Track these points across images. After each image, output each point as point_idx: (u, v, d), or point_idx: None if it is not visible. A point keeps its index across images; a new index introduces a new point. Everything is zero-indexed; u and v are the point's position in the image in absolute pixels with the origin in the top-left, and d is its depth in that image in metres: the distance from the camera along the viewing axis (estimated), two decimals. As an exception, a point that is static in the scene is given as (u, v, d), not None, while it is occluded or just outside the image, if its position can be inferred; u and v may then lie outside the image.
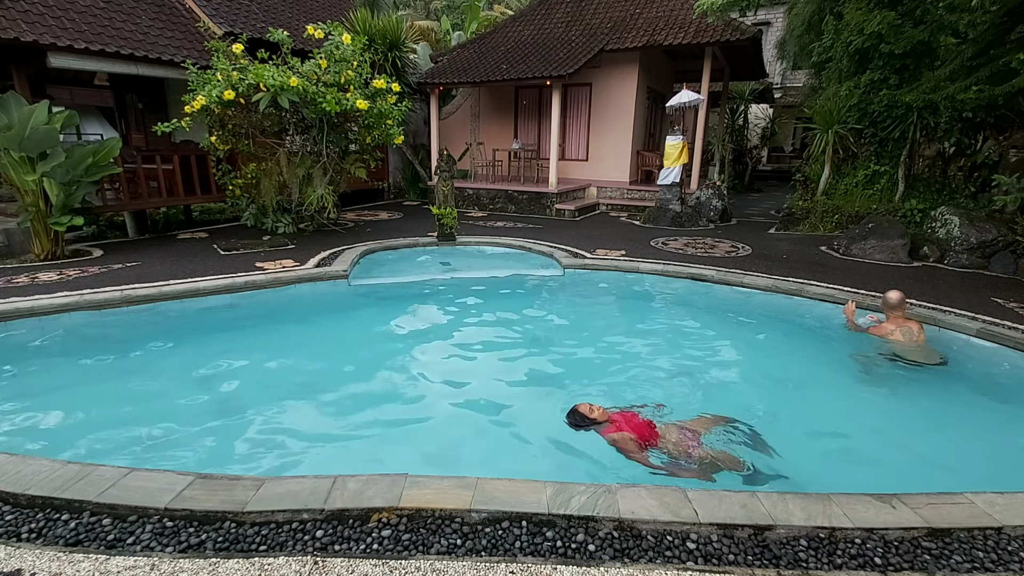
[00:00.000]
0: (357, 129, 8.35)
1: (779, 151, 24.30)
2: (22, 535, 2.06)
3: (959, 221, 7.47)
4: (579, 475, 3.05)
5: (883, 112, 9.07)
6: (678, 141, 10.03)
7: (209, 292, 5.56)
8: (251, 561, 1.92)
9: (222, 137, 8.05)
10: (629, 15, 13.15)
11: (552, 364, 4.68)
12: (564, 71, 11.17)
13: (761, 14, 20.29)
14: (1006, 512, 2.22)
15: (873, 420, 3.86)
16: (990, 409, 4.02)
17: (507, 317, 5.78)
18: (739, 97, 17.92)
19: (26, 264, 6.60)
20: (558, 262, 7.20)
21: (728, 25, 11.25)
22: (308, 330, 5.39)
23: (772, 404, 4.06)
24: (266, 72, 7.02)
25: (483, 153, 14.03)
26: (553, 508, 2.17)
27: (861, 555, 2.02)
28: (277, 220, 8.65)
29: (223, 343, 4.93)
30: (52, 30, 7.44)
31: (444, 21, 21.44)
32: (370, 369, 4.52)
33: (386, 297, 6.33)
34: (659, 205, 10.51)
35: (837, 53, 9.65)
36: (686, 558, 1.99)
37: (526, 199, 12.05)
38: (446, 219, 8.11)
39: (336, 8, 13.75)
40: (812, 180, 10.54)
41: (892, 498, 2.29)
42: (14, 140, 6.31)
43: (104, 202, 8.10)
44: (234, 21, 10.23)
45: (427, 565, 1.91)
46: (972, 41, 7.90)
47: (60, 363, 4.45)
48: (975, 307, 5.32)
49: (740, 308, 5.99)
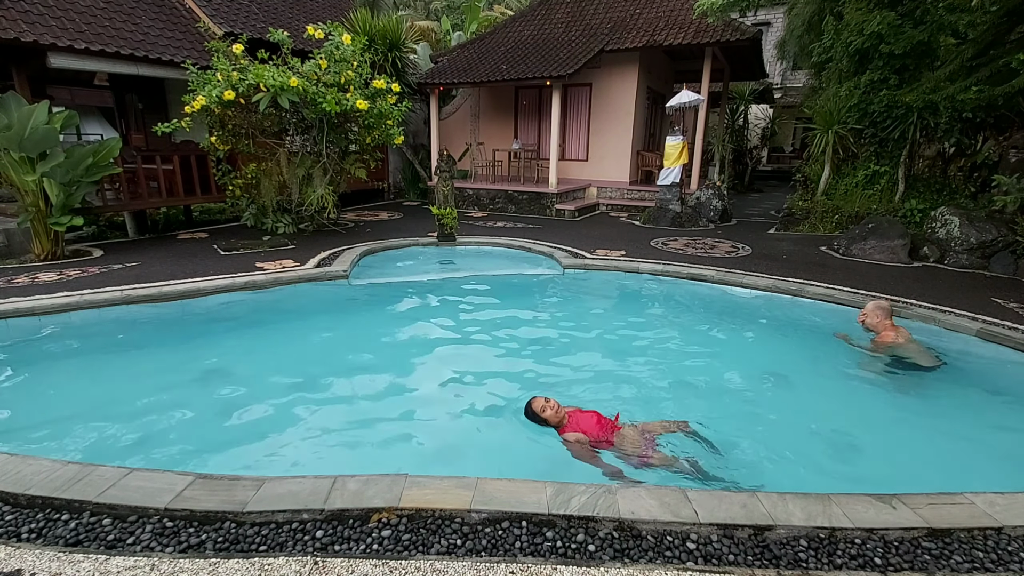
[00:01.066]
0: (357, 129, 8.35)
1: (779, 151, 24.32)
2: (22, 535, 2.06)
3: (959, 221, 7.46)
4: (579, 475, 3.05)
5: (883, 112, 9.07)
6: (678, 141, 10.03)
7: (209, 292, 5.55)
8: (251, 561, 1.92)
9: (222, 137, 8.05)
10: (629, 15, 13.15)
11: (552, 364, 4.68)
12: (564, 71, 11.17)
13: (761, 14, 20.30)
14: (1006, 512, 2.22)
15: (879, 421, 3.86)
16: (991, 409, 4.02)
17: (507, 317, 5.78)
18: (739, 97, 17.92)
19: (26, 264, 6.60)
20: (558, 262, 7.20)
21: (728, 25, 11.25)
22: (308, 330, 5.38)
23: (771, 404, 4.06)
24: (266, 72, 7.02)
25: (483, 153, 14.04)
26: (553, 508, 2.16)
27: (861, 555, 2.01)
28: (277, 220, 8.65)
29: (223, 343, 4.94)
30: (52, 30, 7.45)
31: (444, 21, 21.45)
32: (370, 369, 4.52)
33: (386, 297, 6.33)
34: (659, 205, 10.51)
35: (837, 53, 9.65)
36: (686, 558, 1.99)
37: (526, 199, 12.05)
38: (446, 219, 8.11)
39: (336, 8, 13.76)
40: (812, 180, 10.54)
41: (892, 498, 2.29)
42: (14, 140, 6.31)
43: (104, 202, 8.10)
44: (234, 21, 10.24)
45: (427, 565, 1.90)
46: (972, 41, 7.91)
47: (60, 363, 4.45)
48: (975, 307, 5.32)
49: (740, 308, 5.99)
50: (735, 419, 3.86)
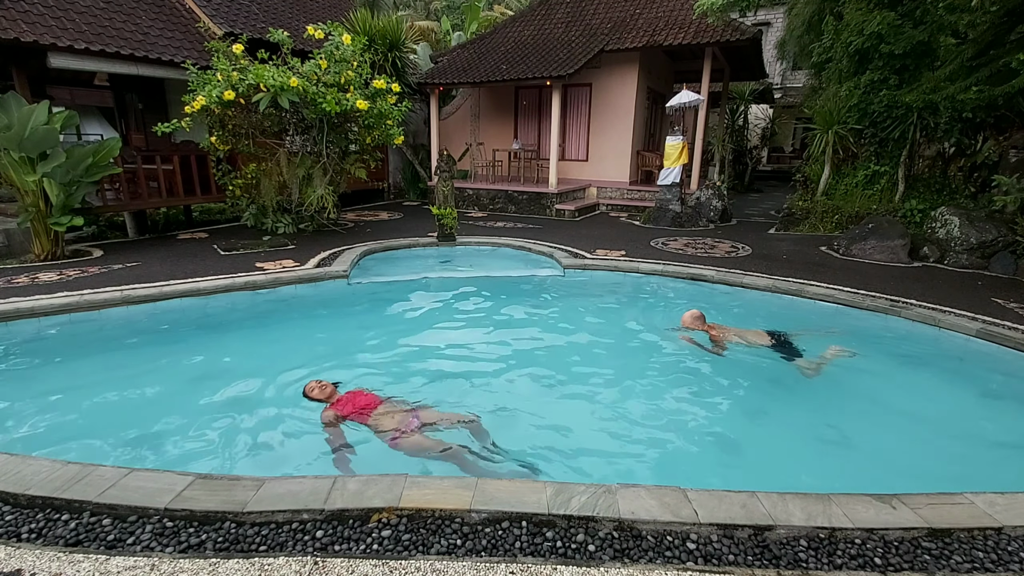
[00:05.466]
0: (357, 129, 8.35)
1: (779, 151, 24.31)
2: (22, 535, 2.06)
3: (959, 221, 7.47)
4: (579, 475, 3.05)
5: (883, 112, 9.07)
6: (678, 141, 10.03)
7: (209, 292, 5.56)
8: (251, 561, 1.92)
9: (222, 137, 8.05)
10: (629, 15, 13.15)
11: (552, 364, 4.67)
12: (564, 71, 11.17)
13: (761, 14, 20.31)
14: (1006, 512, 2.22)
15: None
16: (991, 408, 4.03)
17: (507, 317, 5.78)
18: (739, 97, 17.91)
19: (26, 264, 6.60)
20: (558, 262, 7.20)
21: (728, 25, 11.25)
22: (308, 330, 5.38)
23: (768, 403, 4.06)
24: (266, 72, 7.02)
25: (483, 153, 14.04)
26: (553, 508, 2.16)
27: (861, 555, 2.01)
28: (277, 220, 8.65)
29: (223, 343, 4.93)
30: (52, 30, 7.45)
31: (444, 21, 21.45)
32: (369, 369, 4.52)
33: (386, 297, 6.32)
34: (659, 205, 10.51)
35: (837, 53, 9.65)
36: (686, 558, 1.99)
37: (526, 199, 12.05)
38: (446, 219, 8.11)
39: (336, 8, 13.76)
40: (812, 180, 10.54)
41: (892, 498, 2.29)
42: (14, 140, 6.31)
43: (104, 202, 8.10)
44: (234, 21, 10.24)
45: (427, 565, 1.90)
46: (972, 41, 7.91)
47: (60, 363, 4.44)
48: (975, 307, 5.32)
49: (739, 308, 5.99)
50: (733, 414, 3.86)
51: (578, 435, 3.56)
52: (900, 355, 4.85)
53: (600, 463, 3.25)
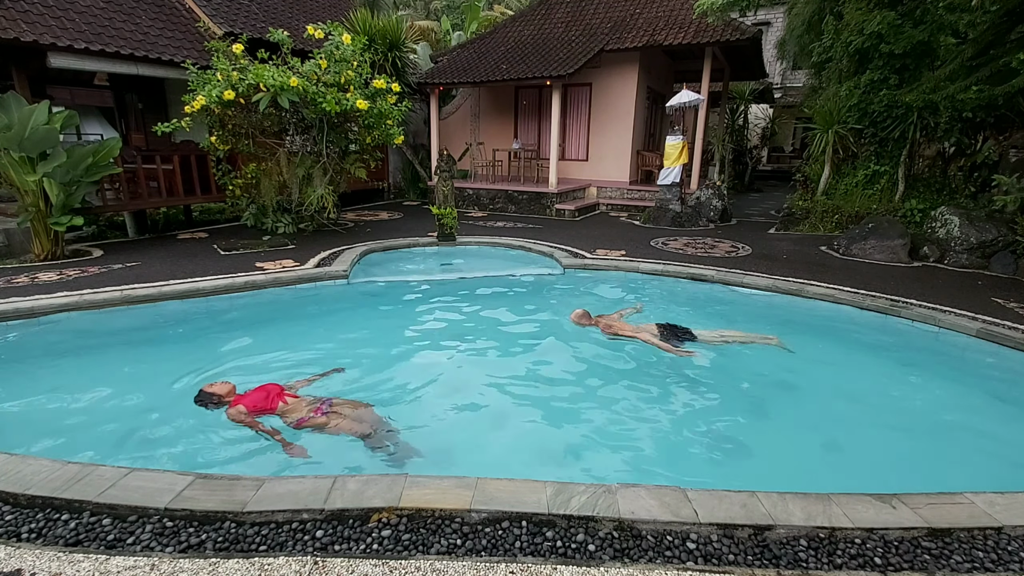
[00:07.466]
0: (357, 129, 8.34)
1: (779, 151, 24.29)
2: (22, 535, 2.06)
3: (959, 221, 7.47)
4: (579, 475, 3.05)
5: (883, 112, 9.07)
6: (678, 141, 10.03)
7: (209, 292, 5.55)
8: (251, 561, 1.92)
9: (222, 137, 8.05)
10: (629, 15, 13.15)
11: (551, 364, 4.67)
12: (564, 71, 11.17)
13: (761, 14, 20.28)
14: (1006, 512, 2.22)
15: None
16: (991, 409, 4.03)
17: (507, 317, 5.77)
18: (739, 97, 17.92)
19: (26, 264, 6.60)
20: (558, 262, 7.20)
21: (728, 25, 11.24)
22: (308, 330, 5.38)
23: (768, 404, 4.06)
24: (266, 72, 7.01)
25: (483, 153, 14.03)
26: (553, 508, 2.17)
27: (861, 555, 2.02)
28: (277, 220, 8.65)
29: (222, 343, 4.93)
30: (52, 30, 7.44)
31: (444, 21, 21.44)
32: (369, 369, 4.51)
33: (386, 297, 6.32)
34: (659, 205, 10.51)
35: (837, 53, 9.65)
36: (686, 558, 1.99)
37: (526, 199, 12.05)
38: (446, 219, 8.11)
39: (336, 8, 13.75)
40: (812, 180, 10.54)
41: (892, 498, 2.29)
42: (14, 140, 6.31)
43: (104, 202, 8.09)
44: (234, 21, 10.23)
45: (427, 565, 1.91)
46: (972, 41, 7.90)
47: (60, 363, 4.44)
48: (975, 307, 5.32)
49: (739, 307, 5.99)
50: (731, 411, 3.86)
51: (578, 435, 3.56)
52: (900, 355, 4.85)
53: (600, 463, 3.25)
